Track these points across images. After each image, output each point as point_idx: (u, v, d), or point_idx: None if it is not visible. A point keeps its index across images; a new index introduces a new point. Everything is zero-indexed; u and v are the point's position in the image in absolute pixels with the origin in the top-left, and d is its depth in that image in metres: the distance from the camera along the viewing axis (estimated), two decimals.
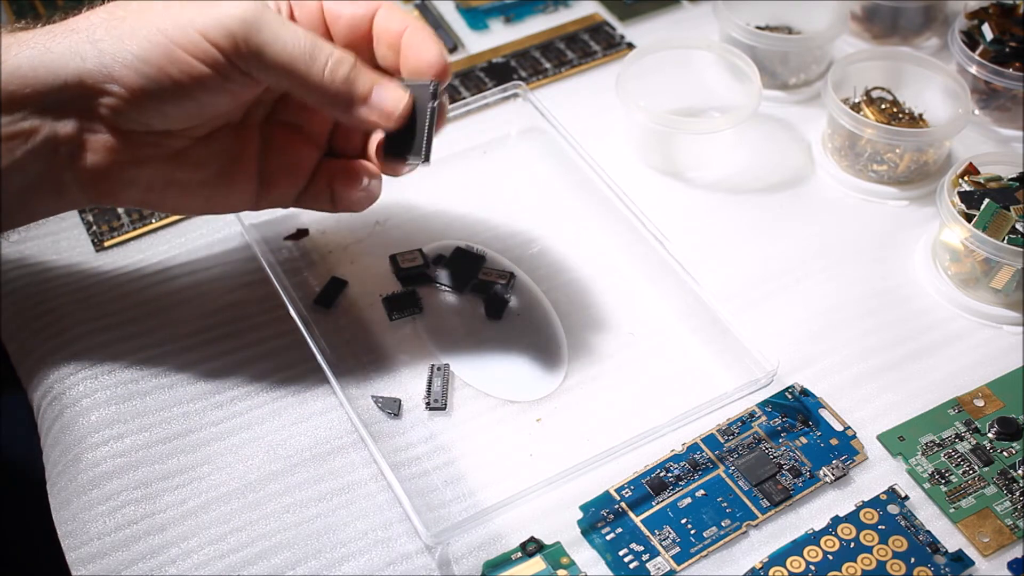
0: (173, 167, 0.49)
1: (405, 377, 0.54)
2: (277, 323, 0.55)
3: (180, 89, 0.46)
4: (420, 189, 0.62)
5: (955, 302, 0.57)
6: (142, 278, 0.58)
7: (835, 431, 0.51)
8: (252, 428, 0.52)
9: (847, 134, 0.63)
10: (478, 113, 0.64)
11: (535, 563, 0.47)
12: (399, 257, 0.58)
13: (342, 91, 0.47)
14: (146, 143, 0.48)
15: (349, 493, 0.49)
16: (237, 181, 0.51)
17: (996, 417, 0.51)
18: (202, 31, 0.45)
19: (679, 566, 0.47)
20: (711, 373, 0.54)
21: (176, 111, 0.47)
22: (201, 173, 0.50)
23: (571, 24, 0.75)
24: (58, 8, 0.75)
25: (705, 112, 0.68)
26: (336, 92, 0.47)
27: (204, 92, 0.46)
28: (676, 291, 0.56)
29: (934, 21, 0.72)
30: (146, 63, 0.45)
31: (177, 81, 0.45)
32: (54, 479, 0.51)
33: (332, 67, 0.46)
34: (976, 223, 0.55)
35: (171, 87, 0.46)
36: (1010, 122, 0.66)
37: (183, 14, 0.45)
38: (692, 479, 0.50)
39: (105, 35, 0.45)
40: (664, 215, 0.58)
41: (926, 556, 0.47)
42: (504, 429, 0.52)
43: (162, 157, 0.49)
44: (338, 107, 0.47)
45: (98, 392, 0.53)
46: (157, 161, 0.49)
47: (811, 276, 0.59)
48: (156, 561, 0.47)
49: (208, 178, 0.50)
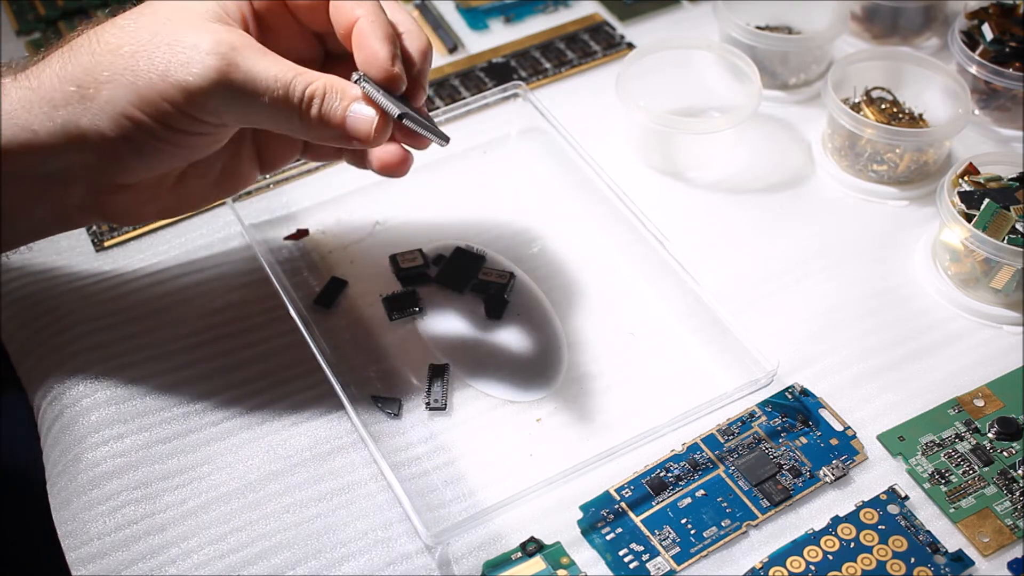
0: (181, 186, 0.51)
1: (405, 377, 0.54)
2: (277, 323, 0.55)
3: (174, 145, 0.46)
4: (420, 189, 0.62)
5: (955, 302, 0.57)
6: (142, 278, 0.58)
7: (835, 431, 0.51)
8: (252, 428, 0.52)
9: (847, 134, 0.63)
10: (478, 113, 0.64)
11: (535, 563, 0.47)
12: (399, 257, 0.58)
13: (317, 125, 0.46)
14: (150, 184, 0.49)
15: (349, 493, 0.49)
16: (243, 169, 0.52)
17: (996, 417, 0.51)
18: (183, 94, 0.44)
19: (679, 566, 0.47)
20: (711, 373, 0.54)
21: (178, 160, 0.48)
22: (208, 178, 0.51)
23: (571, 24, 0.75)
24: (58, 8, 0.75)
25: (705, 112, 0.68)
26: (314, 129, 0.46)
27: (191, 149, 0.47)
28: (676, 291, 0.56)
29: (934, 21, 0.72)
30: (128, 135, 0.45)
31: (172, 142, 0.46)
32: (54, 479, 0.51)
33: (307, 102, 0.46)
34: (976, 223, 0.55)
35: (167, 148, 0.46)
36: (1010, 122, 0.66)
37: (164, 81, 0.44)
38: (692, 479, 0.50)
39: (88, 112, 0.45)
40: (664, 215, 0.58)
41: (926, 556, 0.47)
42: (504, 429, 0.52)
43: (171, 183, 0.50)
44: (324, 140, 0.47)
45: (98, 392, 0.53)
46: (167, 188, 0.50)
47: (811, 276, 0.59)
48: (156, 561, 0.47)
49: (215, 179, 0.52)
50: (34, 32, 0.74)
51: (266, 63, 0.45)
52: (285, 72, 0.45)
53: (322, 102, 0.46)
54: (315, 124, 0.46)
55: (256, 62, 0.45)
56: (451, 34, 0.74)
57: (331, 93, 0.46)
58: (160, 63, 0.44)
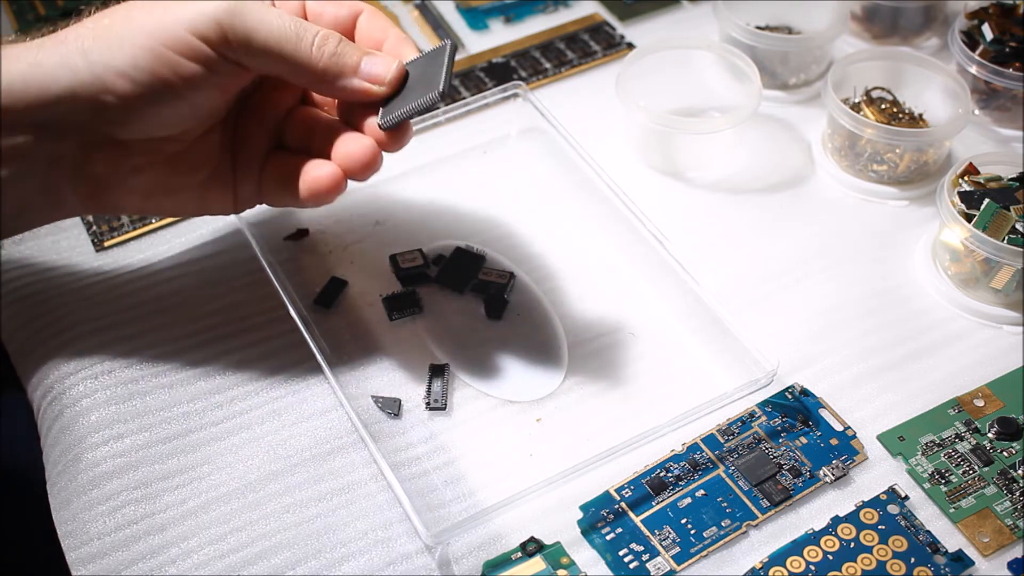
0: (170, 172, 0.50)
1: (405, 377, 0.54)
2: (277, 323, 0.55)
3: (174, 91, 0.46)
4: (420, 189, 0.62)
5: (955, 302, 0.57)
6: (142, 278, 0.58)
7: (835, 431, 0.51)
8: (252, 428, 0.52)
9: (847, 134, 0.63)
10: (478, 113, 0.64)
11: (535, 563, 0.47)
12: (399, 257, 0.58)
13: (331, 65, 0.47)
14: (143, 151, 0.48)
15: (349, 493, 0.49)
16: (227, 180, 0.52)
17: (996, 417, 0.51)
18: (189, 26, 0.45)
19: (679, 566, 0.47)
20: (711, 373, 0.54)
21: (172, 114, 0.47)
22: (196, 176, 0.51)
23: (571, 24, 0.75)
24: (58, 8, 0.75)
25: (705, 112, 0.68)
26: (326, 67, 0.47)
27: (196, 91, 0.46)
28: (676, 291, 0.56)
29: (934, 21, 0.72)
30: (137, 69, 0.45)
31: (170, 83, 0.46)
32: (54, 479, 0.51)
33: (319, 43, 0.47)
34: (976, 223, 0.55)
35: (164, 90, 0.46)
36: (1010, 122, 0.66)
37: (167, 13, 0.45)
38: (692, 479, 0.50)
39: (94, 45, 0.45)
40: (664, 215, 0.58)
41: (926, 556, 0.47)
42: (504, 429, 0.52)
43: (159, 163, 0.49)
44: (329, 81, 0.48)
45: (98, 392, 0.53)
46: (155, 168, 0.49)
47: (811, 276, 0.59)
48: (156, 561, 0.47)
49: (203, 180, 0.51)
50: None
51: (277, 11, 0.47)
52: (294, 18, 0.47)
53: (336, 47, 0.47)
54: (328, 64, 0.47)
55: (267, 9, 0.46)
56: (451, 34, 0.74)
57: (346, 43, 0.48)
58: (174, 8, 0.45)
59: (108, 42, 0.45)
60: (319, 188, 0.49)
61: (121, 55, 0.45)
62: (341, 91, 0.48)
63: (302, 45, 0.46)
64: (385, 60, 0.48)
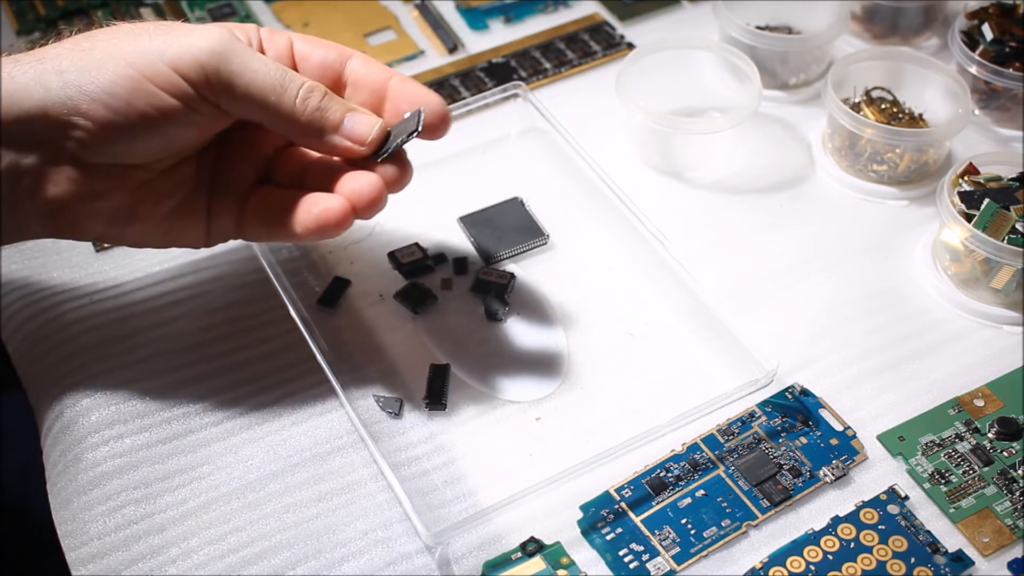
0: (136, 200, 0.48)
1: (405, 377, 0.54)
2: (277, 323, 0.55)
3: (148, 123, 0.45)
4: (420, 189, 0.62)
5: (955, 302, 0.57)
6: (142, 278, 0.58)
7: (835, 431, 0.51)
8: (252, 428, 0.52)
9: (847, 134, 0.63)
10: (478, 113, 0.64)
11: (535, 563, 0.47)
12: (398, 253, 0.59)
13: (314, 120, 0.47)
14: (110, 176, 0.47)
15: (349, 493, 0.49)
16: (199, 213, 0.50)
17: (996, 417, 0.51)
18: (171, 63, 0.44)
19: (679, 566, 0.47)
20: (711, 373, 0.54)
21: (143, 145, 0.46)
22: (163, 206, 0.49)
23: (571, 24, 0.75)
24: (58, 8, 0.75)
25: (705, 112, 0.68)
26: (308, 121, 0.47)
27: (172, 126, 0.46)
28: (676, 291, 0.56)
29: (934, 21, 0.72)
30: (113, 96, 0.44)
31: (145, 115, 0.45)
32: (54, 479, 0.51)
33: (303, 96, 0.46)
34: (976, 223, 0.55)
35: (138, 121, 0.45)
36: (1010, 122, 0.66)
37: (152, 46, 0.45)
38: (692, 479, 0.50)
39: (71, 66, 0.44)
40: (664, 215, 0.58)
41: (926, 556, 0.47)
42: (504, 429, 0.52)
43: (126, 190, 0.48)
44: (310, 136, 0.47)
45: (98, 392, 0.53)
46: (120, 194, 0.48)
47: (811, 276, 0.59)
48: (156, 561, 0.47)
49: (169, 211, 0.50)
50: (34, 32, 0.74)
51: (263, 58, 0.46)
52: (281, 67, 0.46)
53: (320, 101, 0.46)
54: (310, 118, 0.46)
55: (253, 55, 0.46)
56: (451, 34, 0.74)
57: (331, 97, 0.47)
58: (158, 42, 0.45)
59: (87, 65, 0.44)
60: (328, 221, 0.47)
61: (98, 80, 0.44)
62: (322, 146, 0.48)
63: (286, 96, 0.46)
64: (368, 120, 0.47)
